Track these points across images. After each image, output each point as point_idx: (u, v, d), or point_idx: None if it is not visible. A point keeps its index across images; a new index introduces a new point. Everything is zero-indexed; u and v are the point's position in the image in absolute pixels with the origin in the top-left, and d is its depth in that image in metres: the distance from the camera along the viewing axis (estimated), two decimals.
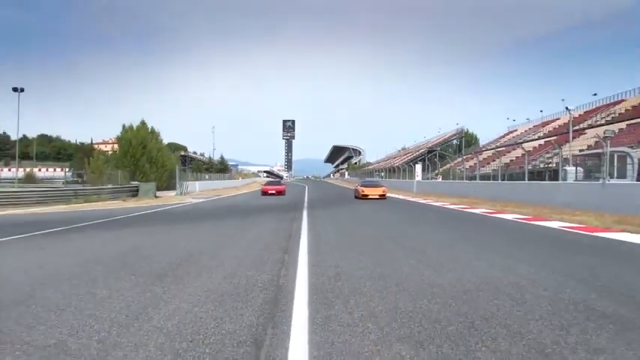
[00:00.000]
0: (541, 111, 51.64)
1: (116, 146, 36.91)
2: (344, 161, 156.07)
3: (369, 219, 12.19)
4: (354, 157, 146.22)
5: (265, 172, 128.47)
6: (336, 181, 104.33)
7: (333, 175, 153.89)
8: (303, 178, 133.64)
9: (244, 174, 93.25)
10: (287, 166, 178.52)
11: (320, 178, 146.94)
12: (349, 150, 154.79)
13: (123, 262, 5.62)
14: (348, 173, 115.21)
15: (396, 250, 6.62)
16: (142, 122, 34.59)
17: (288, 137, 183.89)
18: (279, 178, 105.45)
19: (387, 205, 18.07)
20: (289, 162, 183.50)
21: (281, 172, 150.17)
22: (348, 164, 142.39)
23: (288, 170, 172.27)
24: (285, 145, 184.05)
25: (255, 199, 23.18)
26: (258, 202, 21.00)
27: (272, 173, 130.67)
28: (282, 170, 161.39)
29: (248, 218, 12.65)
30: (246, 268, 5.10)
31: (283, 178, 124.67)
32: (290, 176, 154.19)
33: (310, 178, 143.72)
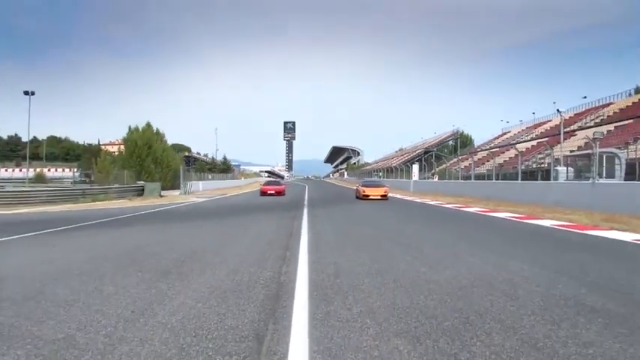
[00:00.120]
0: (533, 113, 52.33)
1: (122, 147, 37.12)
2: (343, 161, 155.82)
3: (367, 217, 12.23)
4: (352, 158, 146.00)
5: (267, 172, 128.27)
6: (336, 180, 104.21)
7: (332, 175, 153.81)
8: (304, 178, 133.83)
9: (246, 174, 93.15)
10: (288, 166, 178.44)
11: (320, 178, 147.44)
12: (348, 150, 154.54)
13: (129, 259, 5.67)
14: (347, 173, 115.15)
15: (394, 247, 6.67)
16: (148, 124, 34.87)
17: (289, 138, 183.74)
18: (280, 178, 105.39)
19: (385, 204, 18.08)
20: (290, 162, 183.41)
21: (282, 172, 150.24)
22: (347, 164, 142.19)
23: (288, 170, 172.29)
24: (286, 145, 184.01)
25: (256, 199, 23.20)
26: (260, 201, 21.02)
27: (273, 173, 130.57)
28: (283, 170, 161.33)
29: (250, 217, 12.69)
30: (249, 265, 5.15)
31: (284, 178, 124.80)
32: (291, 176, 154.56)
33: (310, 178, 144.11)
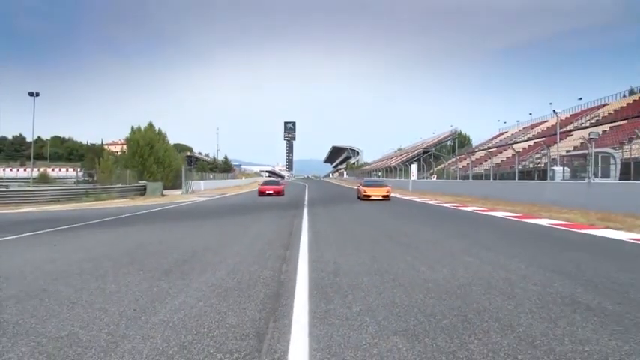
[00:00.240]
0: (530, 114, 53.01)
1: (125, 147, 37.37)
2: (343, 161, 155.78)
3: (366, 216, 12.26)
4: (352, 158, 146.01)
5: (267, 172, 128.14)
6: (335, 180, 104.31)
7: (332, 174, 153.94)
8: (304, 178, 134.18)
9: (247, 174, 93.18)
10: (288, 166, 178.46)
11: (320, 177, 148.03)
12: (348, 150, 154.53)
13: (131, 258, 5.71)
14: (346, 173, 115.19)
15: (393, 246, 6.70)
16: (150, 124, 34.95)
17: (289, 138, 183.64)
18: (281, 178, 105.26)
19: (385, 203, 18.09)
20: (290, 162, 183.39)
21: (282, 172, 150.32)
22: (346, 164, 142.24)
23: (289, 170, 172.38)
24: (286, 145, 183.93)
25: (256, 198, 23.22)
26: (260, 200, 21.06)
27: (274, 173, 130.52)
28: (283, 170, 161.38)
29: (250, 216, 12.73)
30: (249, 264, 5.19)
31: (284, 178, 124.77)
32: (291, 176, 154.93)
33: (310, 177, 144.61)
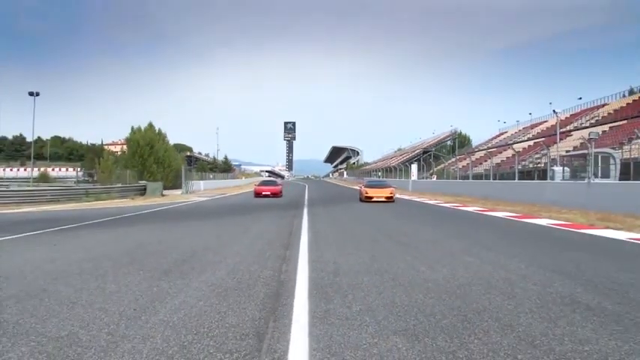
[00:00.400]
0: (530, 114, 53.26)
1: (125, 147, 37.41)
2: (343, 161, 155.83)
3: (366, 217, 12.26)
4: (352, 158, 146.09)
5: (267, 171, 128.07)
6: (335, 180, 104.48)
7: (332, 174, 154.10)
8: (304, 178, 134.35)
9: (247, 174, 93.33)
10: (288, 166, 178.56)
11: (320, 177, 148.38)
12: (348, 150, 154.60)
13: (131, 257, 5.71)
14: (346, 173, 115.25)
15: (392, 246, 6.72)
16: (150, 124, 34.99)
17: (289, 138, 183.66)
18: (281, 178, 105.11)
19: (384, 203, 18.13)
20: (290, 162, 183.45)
21: (282, 172, 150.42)
22: (346, 164, 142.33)
23: (289, 170, 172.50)
24: (286, 145, 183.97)
25: (256, 198, 23.28)
26: (260, 200, 21.03)
27: (274, 173, 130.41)
28: (283, 170, 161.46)
29: (250, 216, 12.73)
30: (249, 264, 5.19)
31: (285, 178, 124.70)
32: (291, 175, 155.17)
33: (310, 177, 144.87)
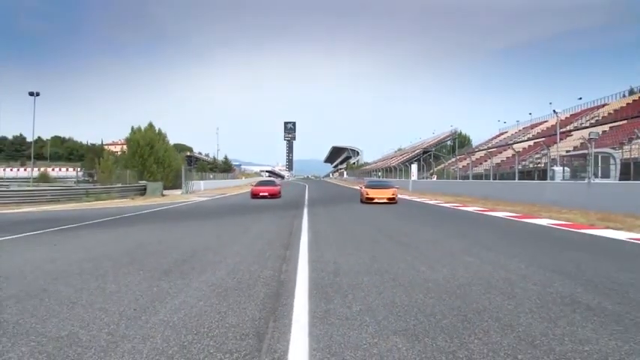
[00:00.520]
0: (530, 114, 52.88)
1: (125, 147, 37.42)
2: (343, 161, 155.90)
3: (366, 217, 12.25)
4: (352, 158, 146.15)
5: (267, 171, 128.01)
6: (335, 180, 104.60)
7: (332, 174, 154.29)
8: (304, 178, 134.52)
9: (247, 174, 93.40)
10: (288, 166, 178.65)
11: (320, 177, 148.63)
12: (348, 150, 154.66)
13: (131, 257, 5.72)
14: (346, 173, 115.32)
15: (393, 246, 6.73)
16: (150, 124, 35.03)
17: (289, 138, 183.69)
18: (281, 178, 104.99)
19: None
20: (290, 162, 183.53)
21: (282, 172, 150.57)
22: (346, 164, 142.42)
23: (289, 170, 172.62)
24: (287, 145, 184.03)
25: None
26: (260, 200, 20.96)
27: (274, 173, 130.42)
28: (283, 170, 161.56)
29: (250, 216, 12.73)
30: (249, 264, 5.19)
31: (285, 178, 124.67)
32: (291, 175, 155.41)
33: (310, 177, 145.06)
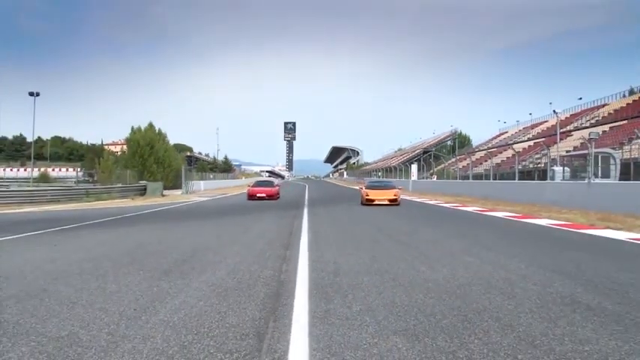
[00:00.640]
0: (530, 114, 52.88)
1: (125, 147, 37.48)
2: (343, 161, 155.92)
3: (366, 217, 12.23)
4: (352, 158, 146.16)
5: (267, 171, 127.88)
6: (335, 180, 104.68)
7: (332, 174, 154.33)
8: (304, 178, 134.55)
9: (247, 174, 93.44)
10: (288, 166, 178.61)
11: (320, 177, 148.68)
12: (348, 150, 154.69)
13: (131, 257, 5.72)
14: (346, 173, 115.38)
15: (393, 246, 6.73)
16: (150, 124, 35.06)
17: (290, 138, 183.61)
18: (281, 178, 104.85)
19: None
20: (290, 162, 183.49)
21: (282, 172, 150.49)
22: (346, 164, 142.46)
23: (289, 170, 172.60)
24: (287, 145, 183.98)
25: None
26: (260, 201, 20.92)
27: (274, 173, 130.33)
28: (283, 170, 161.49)
29: (250, 216, 12.73)
30: (249, 264, 5.20)
31: (285, 178, 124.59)
32: (291, 176, 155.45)
33: (310, 177, 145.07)
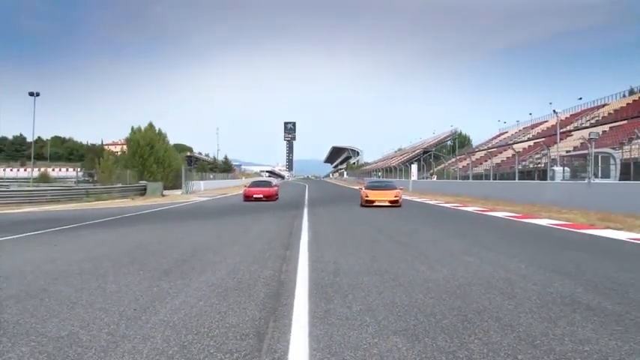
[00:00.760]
0: (530, 114, 52.92)
1: (125, 147, 37.44)
2: (343, 161, 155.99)
3: (366, 217, 12.22)
4: (352, 158, 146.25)
5: (267, 171, 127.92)
6: (335, 180, 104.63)
7: (332, 174, 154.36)
8: (304, 178, 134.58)
9: (247, 174, 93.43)
10: (288, 166, 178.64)
11: (320, 177, 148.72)
12: (348, 150, 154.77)
13: (131, 257, 5.73)
14: (346, 173, 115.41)
15: (393, 246, 6.74)
16: (150, 124, 35.03)
17: (290, 138, 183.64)
18: (281, 178, 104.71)
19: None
20: (290, 162, 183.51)
21: (282, 172, 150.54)
22: (346, 164, 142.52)
23: (289, 170, 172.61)
24: (287, 145, 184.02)
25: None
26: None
27: (274, 173, 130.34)
28: (283, 170, 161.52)
29: (250, 216, 12.72)
30: (249, 264, 5.20)
31: (285, 178, 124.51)
32: (291, 176, 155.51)
33: (310, 177, 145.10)
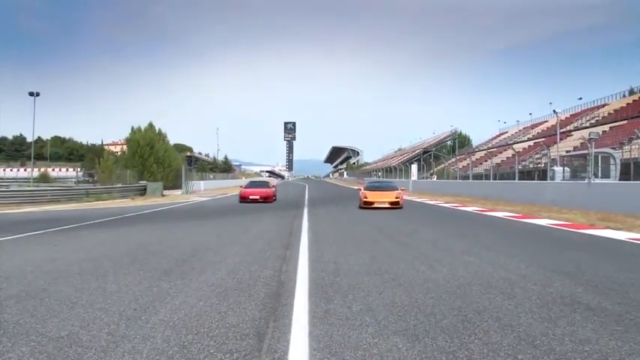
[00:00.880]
0: (530, 114, 53.01)
1: (125, 147, 37.43)
2: (343, 161, 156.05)
3: (366, 217, 12.20)
4: (352, 158, 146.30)
5: (267, 171, 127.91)
6: (335, 180, 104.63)
7: (332, 174, 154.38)
8: (304, 178, 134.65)
9: (247, 174, 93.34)
10: (288, 166, 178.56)
11: (320, 177, 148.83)
12: (348, 150, 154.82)
13: (131, 257, 5.73)
14: (346, 173, 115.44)
15: (393, 246, 6.74)
16: (150, 124, 35.01)
17: (290, 138, 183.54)
18: (281, 178, 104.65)
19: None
20: (290, 162, 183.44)
21: (282, 172, 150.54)
22: (346, 164, 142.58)
23: (289, 170, 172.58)
24: (287, 145, 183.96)
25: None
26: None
27: (274, 173, 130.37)
28: (283, 170, 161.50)
29: (250, 216, 12.70)
30: (249, 264, 5.20)
31: (285, 178, 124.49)
32: (291, 176, 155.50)
33: (310, 177, 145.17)
